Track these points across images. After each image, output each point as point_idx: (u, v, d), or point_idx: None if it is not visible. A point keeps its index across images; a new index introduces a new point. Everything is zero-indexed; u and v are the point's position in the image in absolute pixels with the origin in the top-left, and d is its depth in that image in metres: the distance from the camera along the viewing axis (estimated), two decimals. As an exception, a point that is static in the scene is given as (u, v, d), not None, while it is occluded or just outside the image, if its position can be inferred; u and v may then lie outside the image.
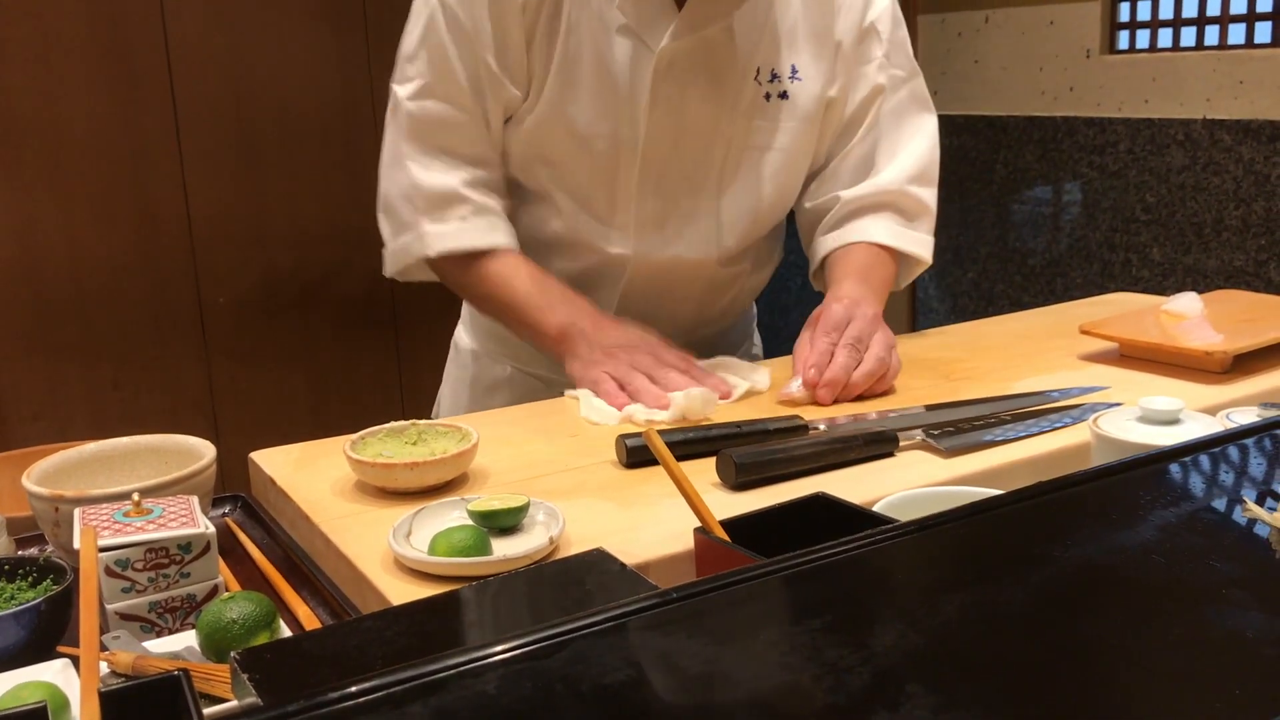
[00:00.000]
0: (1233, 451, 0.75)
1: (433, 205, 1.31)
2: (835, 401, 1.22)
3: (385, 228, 1.36)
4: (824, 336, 1.25)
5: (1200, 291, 1.52)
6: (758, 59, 1.32)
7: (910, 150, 1.44)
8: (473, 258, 1.32)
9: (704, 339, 1.50)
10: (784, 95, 1.34)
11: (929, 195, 1.45)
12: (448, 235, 1.31)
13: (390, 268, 1.38)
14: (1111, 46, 2.64)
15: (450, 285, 1.40)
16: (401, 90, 1.32)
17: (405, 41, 1.32)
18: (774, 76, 1.33)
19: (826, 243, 1.43)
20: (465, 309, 1.60)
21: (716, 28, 1.29)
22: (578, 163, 1.32)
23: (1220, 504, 0.69)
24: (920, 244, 1.44)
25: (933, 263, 1.51)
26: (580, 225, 1.36)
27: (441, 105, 1.30)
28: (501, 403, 1.50)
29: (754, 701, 0.48)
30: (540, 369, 1.48)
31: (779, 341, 4.04)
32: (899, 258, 1.43)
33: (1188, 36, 2.51)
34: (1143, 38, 2.59)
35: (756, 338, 1.71)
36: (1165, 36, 2.55)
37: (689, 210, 1.36)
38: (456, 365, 1.60)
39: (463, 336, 1.59)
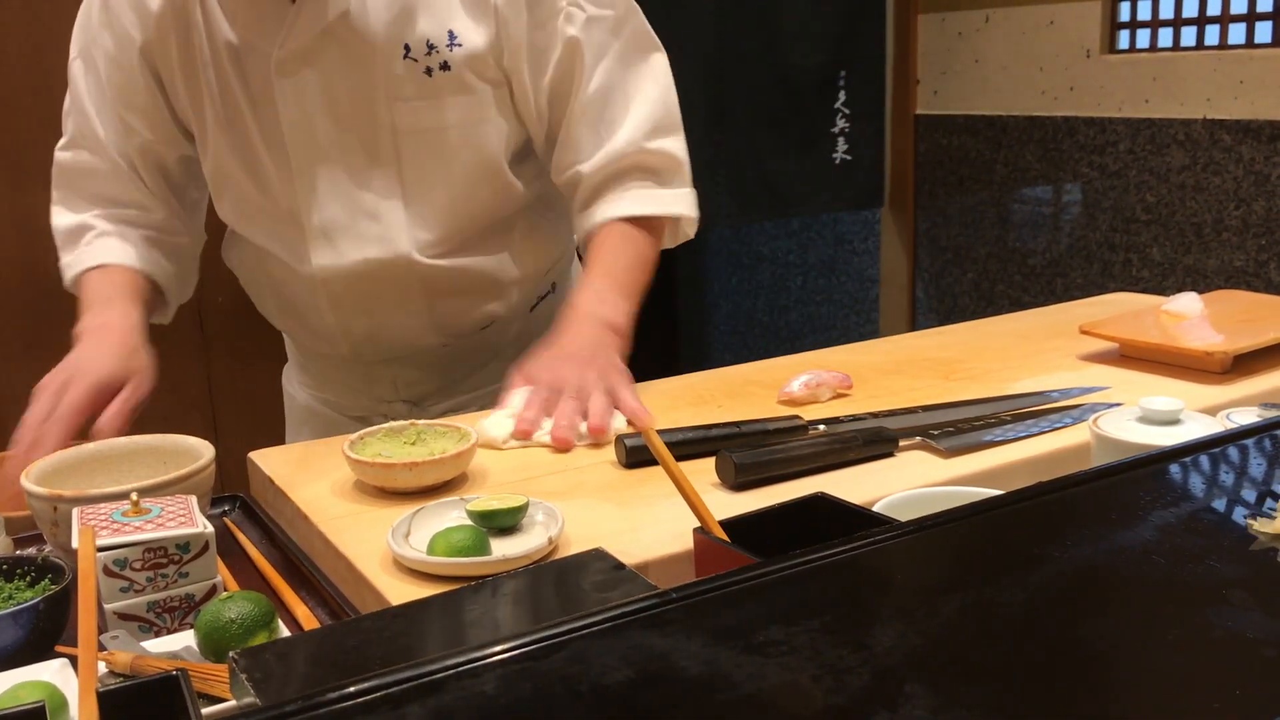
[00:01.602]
0: (1233, 452, 0.75)
1: (65, 242, 1.31)
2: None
3: None
4: (545, 383, 1.17)
5: (1200, 291, 1.52)
6: (405, 35, 1.23)
7: (641, 100, 1.30)
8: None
9: (488, 344, 1.44)
10: (445, 66, 1.24)
11: (674, 145, 1.32)
12: (73, 263, 1.30)
13: None
14: (1112, 46, 2.63)
15: None
16: (59, 144, 1.33)
17: (67, 98, 1.33)
18: (430, 48, 1.23)
19: (581, 224, 1.34)
20: (286, 345, 1.57)
21: (332, 17, 1.20)
22: (251, 191, 1.30)
23: (1220, 505, 0.68)
24: (678, 201, 1.32)
25: (932, 259, 1.48)
26: (277, 252, 1.33)
27: (86, 155, 1.31)
28: (311, 434, 1.48)
29: (753, 702, 0.48)
30: (329, 394, 1.47)
31: (778, 342, 4.04)
32: (658, 222, 1.33)
33: (1188, 36, 2.51)
34: (1143, 37, 2.59)
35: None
36: (1166, 36, 2.55)
37: (374, 209, 1.28)
38: (285, 403, 1.59)
39: (286, 372, 1.58)
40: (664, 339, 4.05)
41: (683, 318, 4.10)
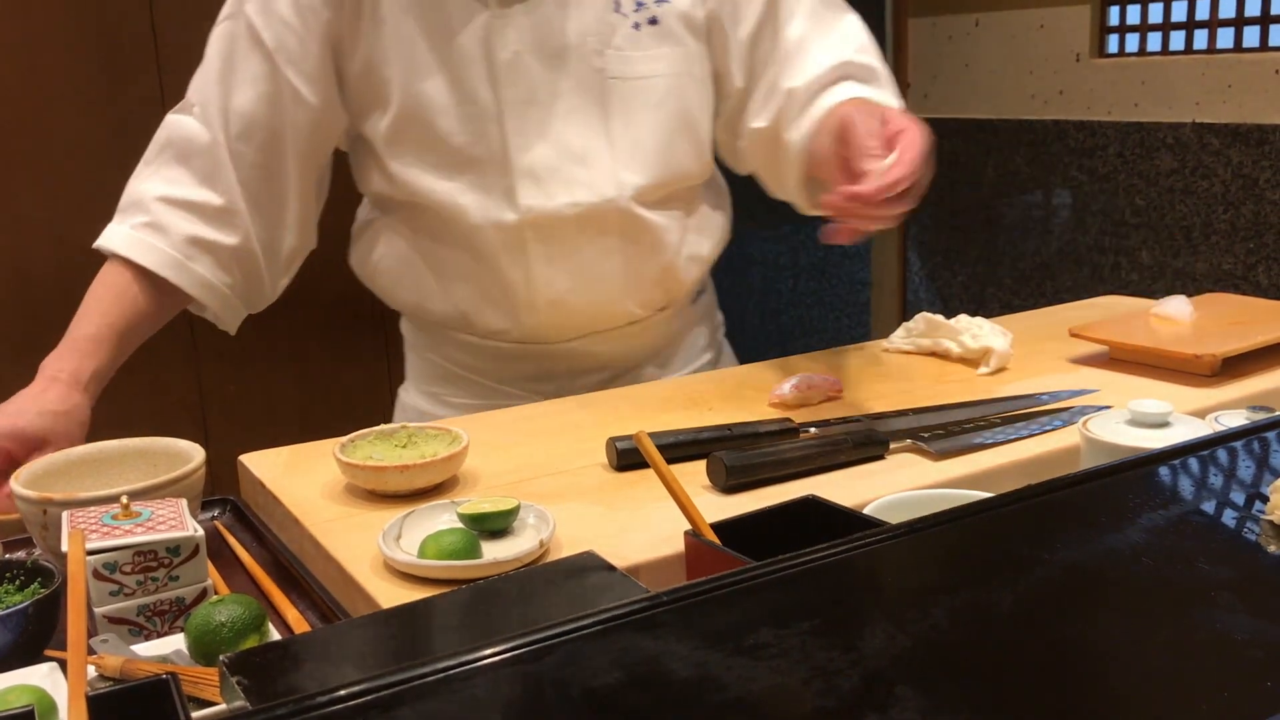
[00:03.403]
0: (1221, 454, 0.75)
1: (121, 209, 1.29)
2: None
3: None
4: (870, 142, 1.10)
5: (1189, 295, 1.53)
6: None
7: (848, 31, 1.35)
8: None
9: (655, 336, 1.44)
10: (654, 21, 1.31)
11: (879, 64, 1.34)
12: (109, 234, 1.28)
13: None
14: (1101, 50, 2.64)
15: None
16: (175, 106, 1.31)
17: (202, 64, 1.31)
18: (639, 5, 1.30)
19: (800, 127, 1.30)
20: (408, 364, 1.54)
21: None
22: (445, 142, 1.29)
23: (1209, 507, 0.69)
24: (890, 101, 1.30)
25: (923, 262, 1.47)
26: (473, 205, 1.30)
27: (190, 120, 1.28)
28: None
29: (744, 704, 0.48)
30: (484, 398, 1.43)
31: (767, 345, 4.05)
32: None
33: (1177, 40, 2.52)
34: (1132, 41, 2.60)
35: (727, 348, 1.62)
36: (1154, 40, 2.56)
37: (581, 152, 1.30)
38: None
39: (409, 394, 1.53)
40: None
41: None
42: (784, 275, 3.64)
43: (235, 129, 1.27)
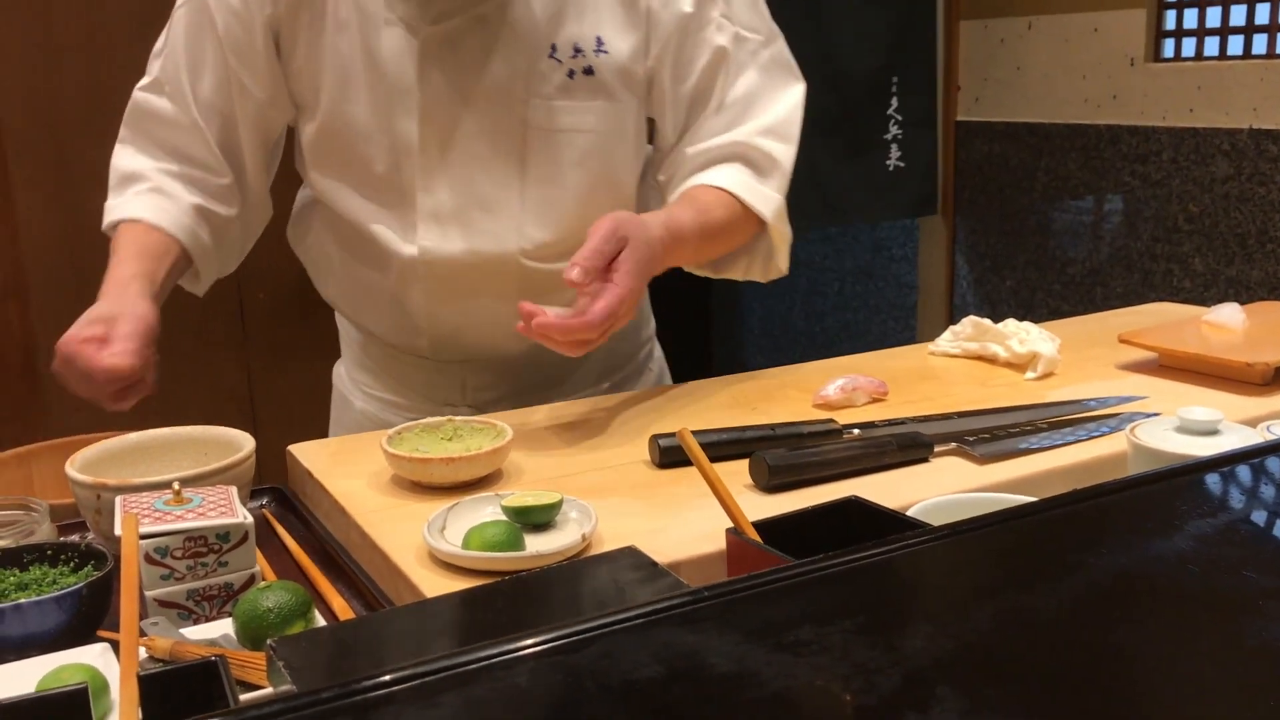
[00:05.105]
0: (1272, 463, 0.74)
1: (118, 184, 1.30)
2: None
3: None
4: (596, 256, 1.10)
5: (1243, 303, 1.50)
6: (555, 34, 1.23)
7: (767, 111, 1.32)
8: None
9: (554, 365, 1.39)
10: (589, 71, 1.24)
11: (782, 151, 1.31)
12: (116, 208, 1.29)
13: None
14: (1156, 54, 2.61)
15: None
16: (140, 83, 1.32)
17: (159, 39, 1.31)
18: (576, 51, 1.24)
19: (674, 195, 1.31)
20: (342, 342, 1.55)
21: (489, 5, 1.21)
22: (364, 166, 1.28)
23: (1258, 516, 0.68)
24: (764, 199, 1.29)
25: (971, 266, 1.44)
26: (377, 231, 1.30)
27: (165, 102, 1.29)
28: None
29: (783, 701, 0.48)
30: (390, 394, 1.44)
31: (814, 348, 4.02)
32: (749, 215, 1.29)
33: (1235, 45, 2.48)
34: (1189, 46, 2.56)
35: (655, 355, 1.57)
36: (1212, 45, 2.52)
37: (489, 201, 1.27)
38: (333, 404, 1.56)
39: (337, 371, 1.55)
40: (697, 342, 4.04)
41: (717, 322, 4.10)
42: (830, 278, 3.62)
43: (198, 110, 1.29)
